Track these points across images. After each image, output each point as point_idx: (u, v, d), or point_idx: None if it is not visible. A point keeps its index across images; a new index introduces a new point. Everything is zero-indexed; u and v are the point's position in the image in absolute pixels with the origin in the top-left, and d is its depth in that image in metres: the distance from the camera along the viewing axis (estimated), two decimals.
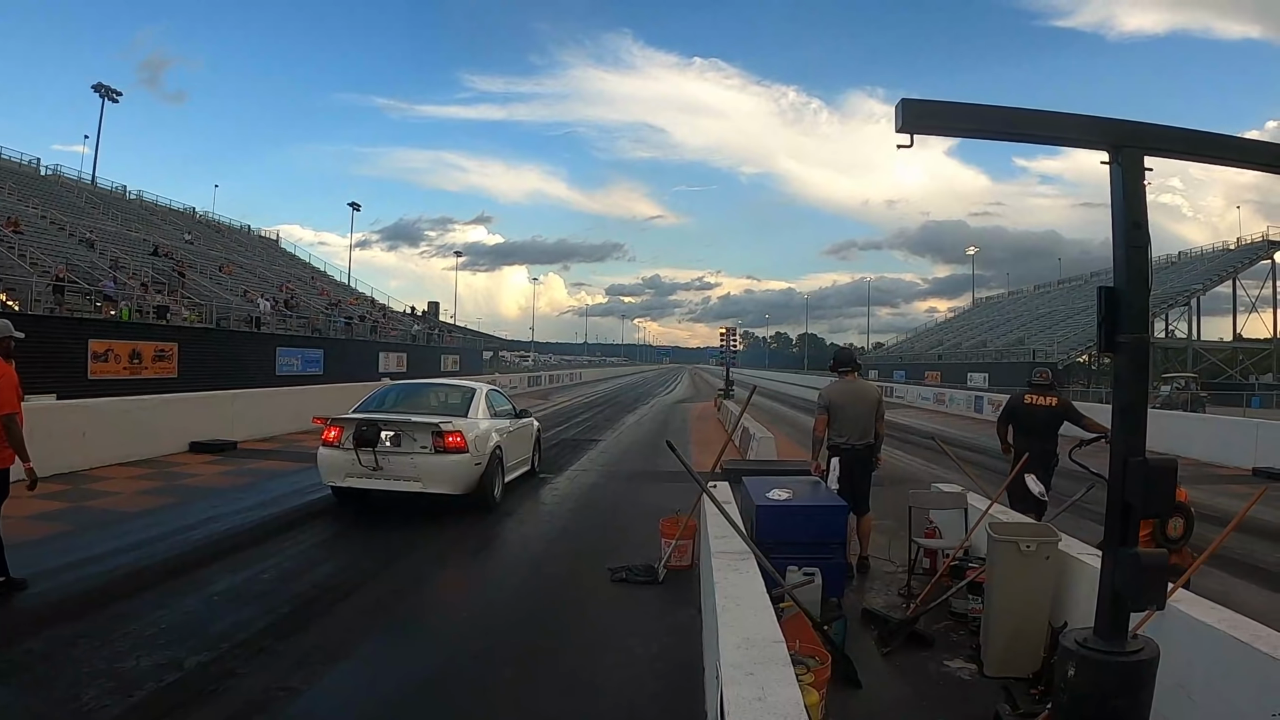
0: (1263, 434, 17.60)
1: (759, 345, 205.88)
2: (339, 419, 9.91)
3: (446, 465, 9.59)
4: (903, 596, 6.79)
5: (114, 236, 42.65)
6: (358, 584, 7.07)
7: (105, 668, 4.93)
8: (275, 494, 11.12)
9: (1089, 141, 2.97)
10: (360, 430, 9.54)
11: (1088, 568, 4.83)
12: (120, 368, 27.90)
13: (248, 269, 52.78)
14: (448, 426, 9.66)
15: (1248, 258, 70.71)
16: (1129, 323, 2.88)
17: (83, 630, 5.58)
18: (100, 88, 63.52)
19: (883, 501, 8.23)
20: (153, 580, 6.90)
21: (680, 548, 7.40)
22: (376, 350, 49.05)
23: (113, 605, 6.18)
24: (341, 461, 9.64)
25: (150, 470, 12.62)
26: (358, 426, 9.61)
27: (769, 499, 6.49)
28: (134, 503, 10.19)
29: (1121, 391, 2.93)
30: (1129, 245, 2.88)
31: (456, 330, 74.71)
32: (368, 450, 9.46)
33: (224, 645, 5.40)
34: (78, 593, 6.48)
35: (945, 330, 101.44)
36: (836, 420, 7.67)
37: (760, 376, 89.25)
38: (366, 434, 9.49)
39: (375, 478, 9.57)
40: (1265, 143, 3.16)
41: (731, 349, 38.70)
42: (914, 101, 2.80)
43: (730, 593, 3.83)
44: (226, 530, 8.89)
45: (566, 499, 11.54)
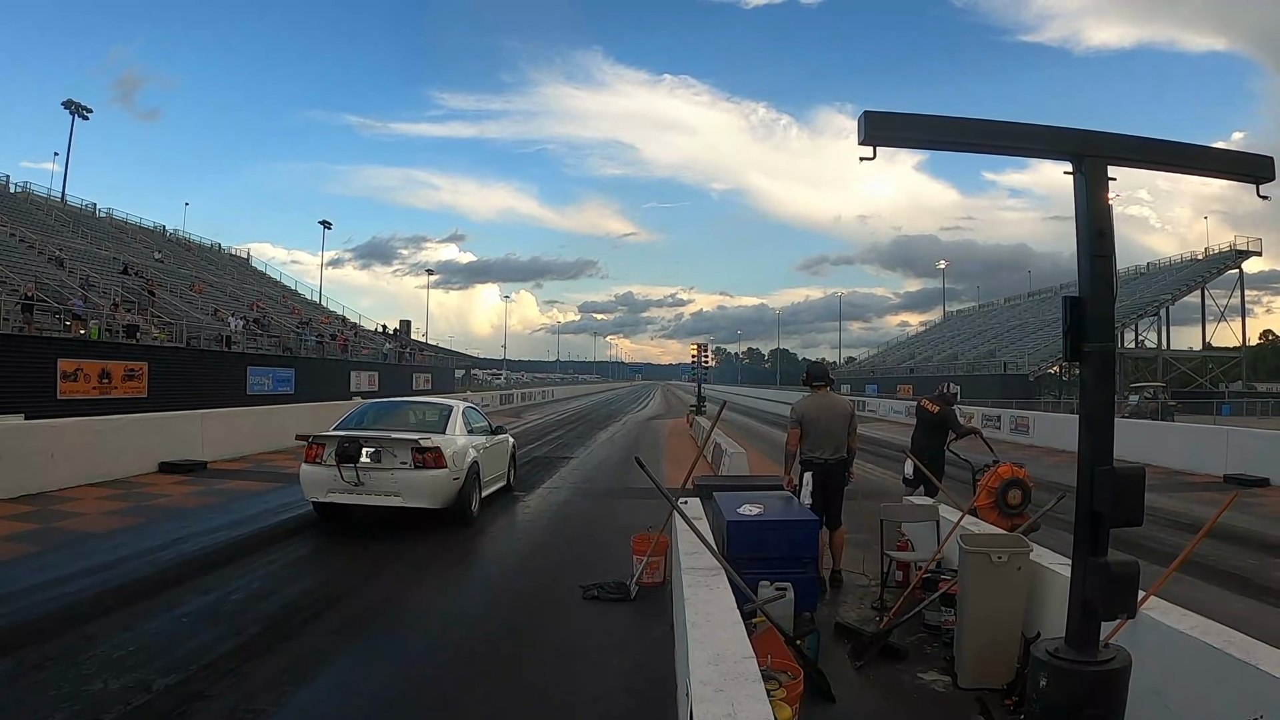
0: (1233, 441, 17.72)
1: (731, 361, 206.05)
2: (321, 436, 10.04)
3: (425, 480, 9.76)
4: (876, 610, 6.76)
5: (84, 255, 42.27)
6: (328, 604, 6.99)
7: (72, 691, 4.84)
8: (245, 514, 10.98)
9: (1052, 152, 2.99)
10: (342, 447, 9.66)
11: (1059, 577, 4.83)
12: (90, 387, 27.62)
13: (218, 287, 52.45)
14: (426, 443, 9.82)
15: (1216, 267, 71.66)
16: (1094, 332, 2.88)
17: (50, 653, 5.48)
18: (70, 104, 62.99)
19: (855, 514, 8.23)
20: (121, 601, 6.79)
21: (652, 564, 7.36)
22: (348, 369, 48.84)
23: (80, 627, 6.08)
24: (324, 478, 9.79)
25: (119, 491, 12.45)
26: (340, 443, 9.73)
27: (740, 514, 6.45)
28: (102, 523, 10.05)
29: (1087, 400, 2.94)
30: (1093, 254, 2.89)
31: (428, 349, 74.40)
32: (349, 466, 9.58)
33: (193, 667, 5.31)
34: (45, 614, 6.38)
35: (917, 344, 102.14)
36: (809, 435, 7.66)
37: (733, 392, 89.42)
38: (348, 450, 9.62)
39: (356, 493, 9.73)
40: (1223, 150, 3.18)
41: (704, 365, 38.90)
42: (876, 114, 2.81)
43: (701, 609, 3.80)
44: (196, 551, 8.77)
45: (539, 517, 11.49)
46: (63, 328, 28.59)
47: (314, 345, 47.55)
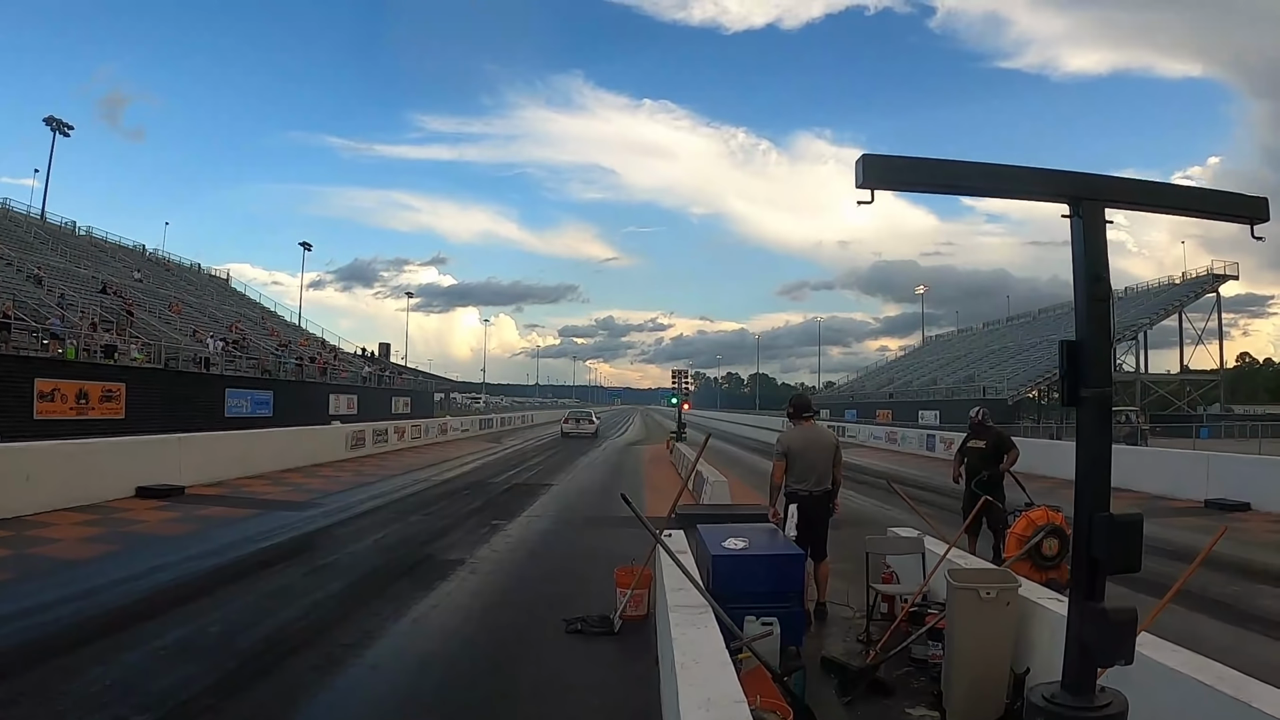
0: (1214, 466, 17.81)
1: (711, 386, 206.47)
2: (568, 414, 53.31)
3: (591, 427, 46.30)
4: (862, 643, 6.73)
5: (62, 273, 41.83)
6: (307, 638, 6.87)
7: None
8: (223, 542, 10.87)
9: (1049, 195, 2.96)
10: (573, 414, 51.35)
11: (1048, 613, 4.82)
12: (67, 408, 27.26)
13: (197, 308, 52.01)
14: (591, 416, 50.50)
15: (1193, 291, 72.33)
16: (1092, 376, 2.85)
17: (23, 687, 5.40)
18: (52, 121, 62.31)
19: (838, 544, 8.18)
20: (96, 633, 6.70)
21: (636, 597, 7.27)
22: (327, 392, 48.40)
23: (54, 659, 5.98)
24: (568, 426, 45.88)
25: (95, 516, 12.30)
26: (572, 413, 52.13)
27: (725, 548, 6.39)
28: (78, 550, 9.93)
29: (1085, 446, 2.89)
30: (1090, 298, 2.86)
31: (408, 372, 73.99)
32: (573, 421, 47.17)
33: (168, 704, 5.22)
34: (18, 645, 6.29)
35: (896, 369, 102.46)
36: (795, 466, 7.63)
37: (712, 417, 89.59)
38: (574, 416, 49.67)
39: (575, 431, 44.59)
40: (1218, 191, 3.17)
41: (684, 389, 39.49)
42: (874, 157, 2.78)
43: (689, 650, 3.75)
44: (172, 580, 8.67)
45: (520, 546, 11.36)
46: (40, 347, 28.28)
47: (293, 368, 47.24)
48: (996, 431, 9.87)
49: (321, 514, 13.77)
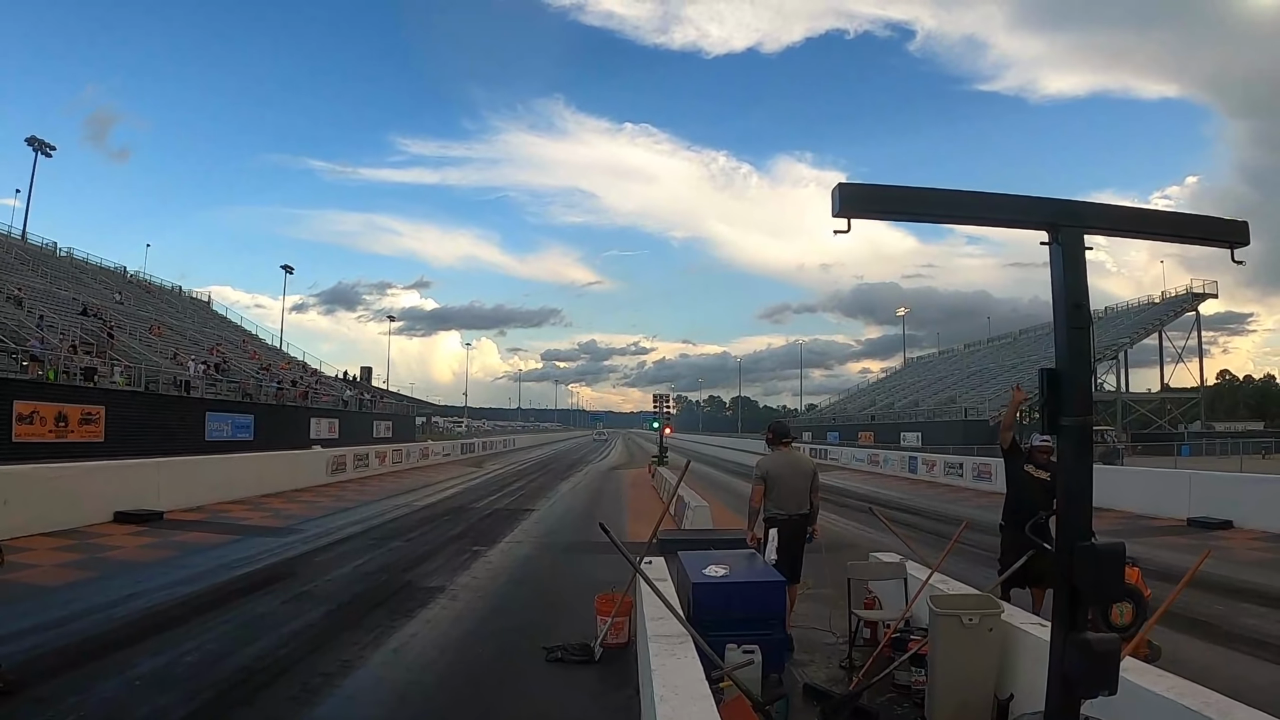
0: (1195, 484, 17.88)
1: (693, 409, 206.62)
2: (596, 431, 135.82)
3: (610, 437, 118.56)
4: (844, 669, 6.68)
5: (42, 294, 41.46)
6: (285, 668, 6.75)
7: None
8: (201, 569, 10.71)
9: (1028, 222, 2.93)
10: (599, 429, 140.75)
11: (1031, 638, 4.79)
12: (46, 430, 27.01)
13: (178, 331, 51.67)
14: None
15: (1172, 310, 72.99)
16: (1072, 405, 2.82)
17: None
18: (34, 141, 61.97)
19: (820, 569, 8.16)
20: (71, 662, 6.59)
21: (616, 625, 7.20)
22: (308, 416, 48.05)
23: (28, 689, 5.86)
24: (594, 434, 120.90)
25: (72, 541, 12.19)
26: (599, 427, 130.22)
27: (706, 576, 6.33)
28: (54, 576, 9.82)
29: (1066, 475, 2.86)
30: (1070, 326, 2.84)
31: (389, 396, 73.68)
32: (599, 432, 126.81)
33: None
34: None
35: (878, 390, 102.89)
36: (774, 491, 7.68)
37: (694, 441, 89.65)
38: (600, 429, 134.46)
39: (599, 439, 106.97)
40: (1198, 216, 3.15)
41: (666, 413, 39.40)
42: (850, 186, 2.77)
43: (669, 680, 3.70)
44: (149, 608, 8.55)
45: (500, 573, 11.24)
46: (19, 369, 28.03)
47: (274, 391, 46.94)
48: None
49: (301, 540, 13.63)
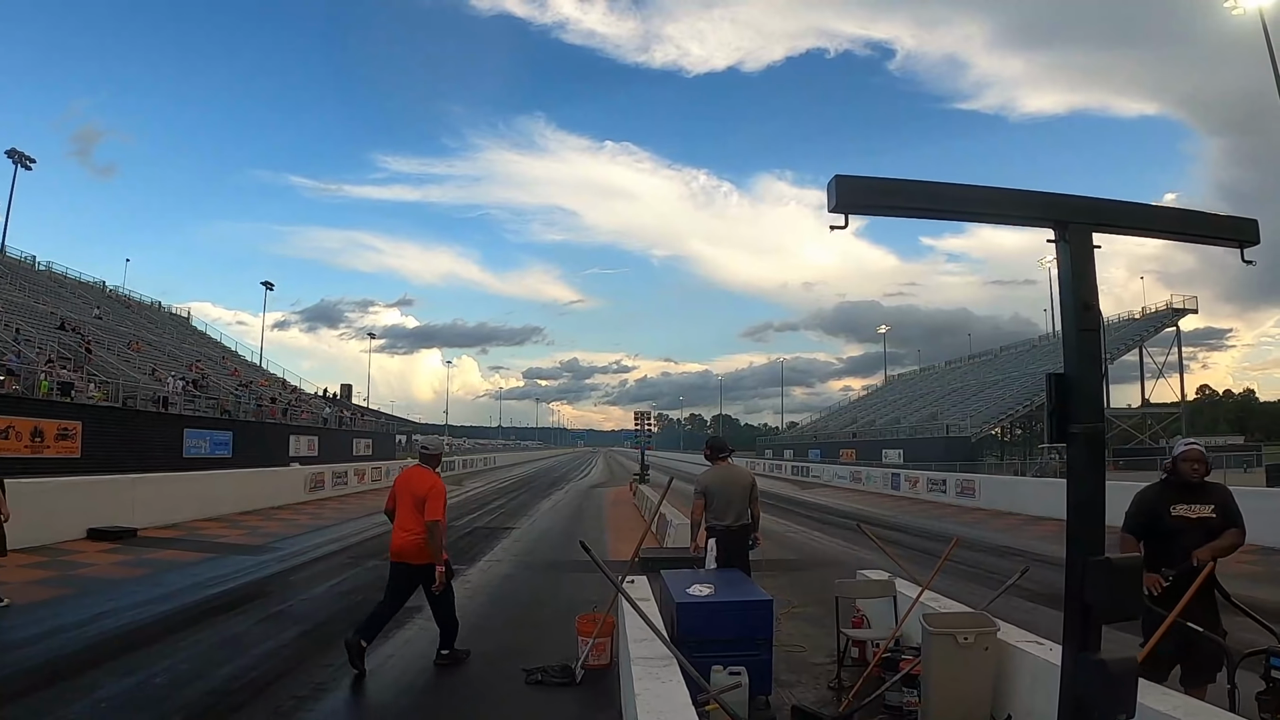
0: None
1: (674, 428, 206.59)
2: None
3: None
4: (833, 690, 6.55)
5: (20, 308, 41.02)
6: (257, 689, 6.58)
7: None
8: (174, 587, 10.56)
9: (1033, 218, 2.78)
10: None
11: (1030, 658, 4.73)
12: (21, 445, 26.62)
13: (157, 346, 51.22)
14: None
15: (1153, 326, 73.39)
16: (1082, 411, 2.69)
17: None
18: (14, 154, 61.55)
19: (806, 586, 8.15)
20: (37, 683, 6.45)
21: (598, 646, 7.04)
22: (287, 433, 47.64)
23: None
24: None
25: (44, 558, 12.05)
26: None
27: (690, 595, 6.18)
28: (24, 594, 9.64)
29: (1077, 485, 2.71)
30: (1080, 328, 2.73)
31: (369, 414, 73.25)
32: None
33: None
34: None
35: (859, 408, 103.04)
36: (714, 504, 8.03)
37: (675, 459, 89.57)
38: None
39: None
40: (1208, 213, 3.07)
41: (647, 432, 39.46)
42: (848, 179, 2.63)
43: (652, 704, 3.59)
44: (119, 628, 8.40)
45: (479, 593, 11.08)
46: None
47: (253, 408, 46.60)
48: (1226, 491, 5.63)
49: (277, 559, 13.48)
